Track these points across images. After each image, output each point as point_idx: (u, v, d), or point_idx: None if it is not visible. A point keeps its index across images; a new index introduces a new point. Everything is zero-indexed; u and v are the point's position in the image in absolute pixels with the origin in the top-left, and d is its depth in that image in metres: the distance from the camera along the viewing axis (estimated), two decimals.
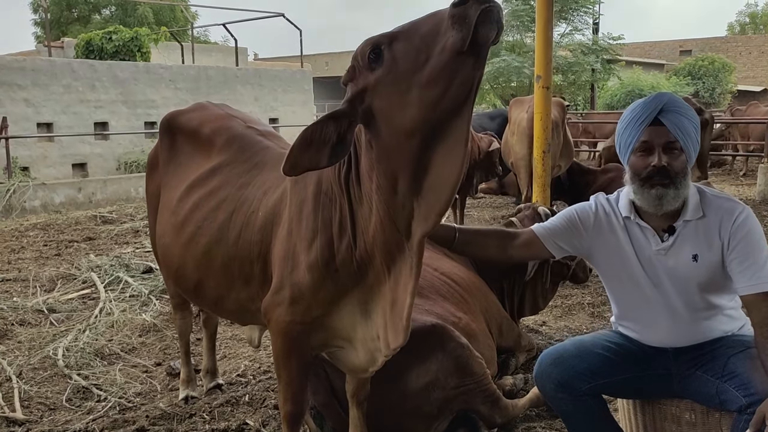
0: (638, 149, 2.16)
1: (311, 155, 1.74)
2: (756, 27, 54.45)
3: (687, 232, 2.20)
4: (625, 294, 2.36)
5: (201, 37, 32.61)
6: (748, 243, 2.13)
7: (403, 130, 1.68)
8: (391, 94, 1.67)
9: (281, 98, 15.31)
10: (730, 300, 2.29)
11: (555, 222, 2.41)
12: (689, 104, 8.54)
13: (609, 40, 23.20)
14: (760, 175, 9.62)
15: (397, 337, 1.96)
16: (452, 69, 1.58)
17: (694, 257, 2.18)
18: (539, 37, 4.75)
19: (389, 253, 1.89)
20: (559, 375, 2.31)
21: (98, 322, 4.47)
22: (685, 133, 2.13)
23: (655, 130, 2.13)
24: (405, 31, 1.67)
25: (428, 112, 1.64)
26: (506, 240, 2.44)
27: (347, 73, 1.78)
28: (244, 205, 2.30)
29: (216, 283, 2.39)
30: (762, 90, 34.95)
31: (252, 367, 3.68)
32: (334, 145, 1.74)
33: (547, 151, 4.84)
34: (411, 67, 1.62)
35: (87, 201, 10.24)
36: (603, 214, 2.34)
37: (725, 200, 2.21)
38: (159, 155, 2.89)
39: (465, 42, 1.53)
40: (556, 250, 2.39)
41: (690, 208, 2.19)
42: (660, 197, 2.14)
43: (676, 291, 2.24)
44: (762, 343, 2.02)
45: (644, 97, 2.29)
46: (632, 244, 2.27)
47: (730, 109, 14.56)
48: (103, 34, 14.77)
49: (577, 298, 4.72)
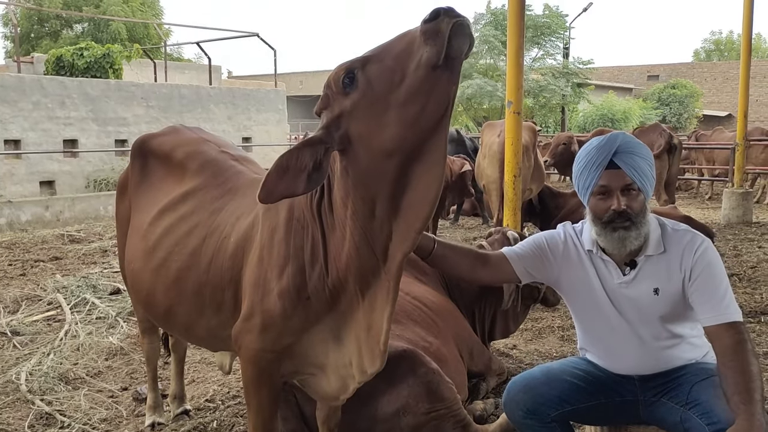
0: (597, 192, 2.20)
1: (287, 182, 1.73)
2: (720, 54, 55.99)
3: (648, 267, 2.25)
4: (591, 323, 2.40)
5: (174, 54, 32.46)
6: (708, 275, 2.18)
7: (383, 151, 1.69)
8: (368, 116, 1.68)
9: (255, 117, 15.29)
10: (692, 328, 2.33)
11: (525, 248, 2.44)
12: (659, 130, 8.72)
13: (579, 65, 23.72)
14: (725, 199, 9.84)
15: (374, 362, 1.96)
16: (429, 84, 1.60)
17: (656, 291, 2.23)
18: (510, 63, 4.83)
19: (364, 279, 1.89)
20: (528, 402, 2.34)
21: (63, 345, 4.38)
22: (641, 173, 2.18)
23: (611, 173, 2.17)
24: (377, 54, 1.69)
25: (407, 131, 1.65)
26: (478, 261, 2.46)
27: (321, 101, 1.79)
28: (216, 231, 2.28)
29: (187, 310, 2.37)
30: (727, 115, 35.87)
31: (221, 391, 3.63)
32: (311, 173, 1.73)
33: (518, 175, 4.90)
34: (387, 87, 1.64)
35: (54, 219, 10.07)
36: (571, 244, 2.38)
37: (685, 233, 2.26)
38: (130, 178, 2.87)
39: (440, 56, 1.56)
40: (524, 275, 2.43)
41: (651, 244, 2.24)
42: (623, 239, 2.19)
43: (640, 321, 2.28)
44: (724, 372, 2.06)
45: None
46: (598, 275, 2.32)
47: (695, 133, 14.89)
48: (75, 50, 14.64)
49: (548, 322, 4.76)
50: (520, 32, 4.78)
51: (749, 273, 6.26)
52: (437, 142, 1.70)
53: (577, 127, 25.65)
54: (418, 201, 1.75)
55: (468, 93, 21.53)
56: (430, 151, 1.70)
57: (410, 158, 1.70)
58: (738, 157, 9.91)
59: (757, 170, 11.87)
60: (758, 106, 36.64)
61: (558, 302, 3.98)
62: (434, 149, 1.70)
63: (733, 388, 2.00)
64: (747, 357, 2.04)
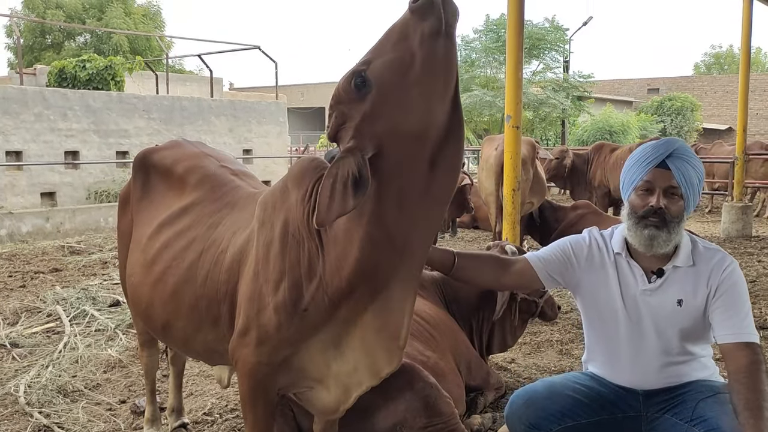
0: (640, 188, 2.22)
1: (338, 199, 1.71)
2: (721, 67, 56.20)
3: (675, 277, 2.26)
4: (602, 330, 2.41)
5: (176, 66, 32.64)
6: (733, 294, 2.20)
7: (415, 136, 1.72)
8: (392, 106, 1.70)
9: (256, 129, 15.34)
10: (703, 349, 2.34)
11: (549, 253, 2.45)
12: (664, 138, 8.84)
13: (579, 78, 23.79)
14: (725, 212, 9.86)
15: (391, 361, 1.98)
16: (439, 53, 1.66)
17: (679, 302, 2.24)
18: (509, 78, 4.86)
19: (377, 279, 1.89)
20: (531, 416, 2.35)
21: (62, 358, 4.38)
22: (688, 182, 2.19)
23: (660, 172, 2.19)
24: (377, 49, 1.73)
25: (434, 104, 1.71)
26: (501, 268, 2.47)
27: (335, 120, 1.77)
28: (214, 245, 2.30)
29: (184, 324, 2.38)
30: (727, 128, 35.93)
31: (219, 405, 3.63)
32: (355, 182, 1.71)
33: (516, 189, 4.92)
34: (401, 71, 1.68)
35: (55, 231, 10.08)
36: (596, 249, 2.39)
37: (716, 252, 2.28)
38: (132, 192, 2.88)
39: (441, 21, 1.63)
40: (548, 280, 2.44)
41: (681, 256, 2.25)
42: (652, 238, 2.20)
43: (655, 333, 2.29)
44: (737, 388, 2.07)
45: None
46: (619, 281, 2.32)
47: (695, 147, 14.93)
48: (77, 62, 14.73)
49: (546, 336, 4.75)
50: (519, 47, 4.82)
51: (749, 287, 6.22)
52: (458, 115, 1.77)
53: (576, 141, 25.70)
54: (447, 177, 1.81)
55: (468, 104, 21.58)
56: (454, 128, 1.77)
57: (438, 137, 1.75)
58: (737, 171, 9.93)
59: (756, 184, 11.89)
60: (758, 120, 36.74)
61: (556, 316, 3.99)
62: (457, 125, 1.77)
63: (744, 404, 2.00)
64: (761, 376, 2.05)
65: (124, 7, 31.34)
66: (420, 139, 1.73)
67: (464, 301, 3.66)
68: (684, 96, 34.07)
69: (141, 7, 33.11)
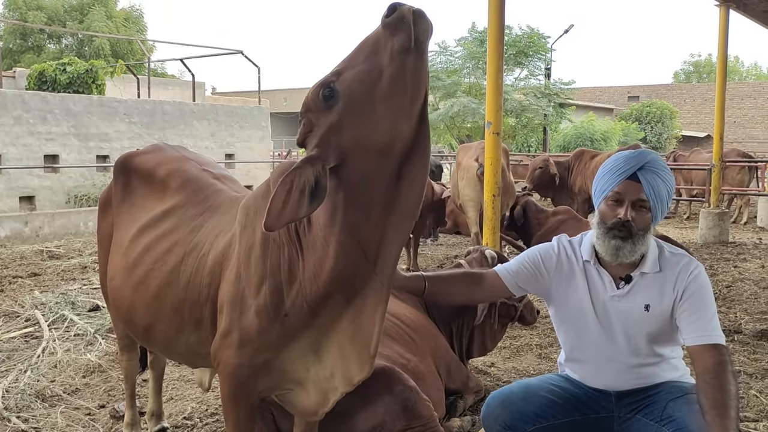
0: (610, 198, 2.28)
1: (291, 206, 1.73)
2: (699, 76, 57.02)
3: (642, 283, 2.32)
4: (574, 336, 2.46)
5: (159, 70, 32.46)
6: (699, 297, 2.26)
7: (379, 150, 1.74)
8: (358, 119, 1.73)
9: (238, 134, 15.30)
10: (673, 351, 2.41)
11: (518, 265, 2.50)
12: (637, 149, 8.99)
13: (561, 85, 24.01)
14: (702, 219, 10.00)
15: (362, 368, 2.00)
16: (406, 70, 1.68)
17: (646, 307, 2.30)
18: (490, 85, 4.93)
19: (352, 287, 1.92)
20: (506, 417, 2.39)
21: (40, 363, 4.35)
22: (657, 195, 2.25)
23: (630, 184, 2.24)
24: (347, 62, 1.75)
25: (399, 120, 1.72)
26: (471, 285, 2.54)
27: (303, 128, 1.80)
28: (196, 249, 2.31)
29: (166, 327, 2.38)
30: (705, 136, 36.45)
31: (199, 409, 3.62)
32: (312, 191, 1.74)
33: (497, 194, 4.97)
34: (368, 85, 1.70)
35: (34, 235, 9.98)
36: (564, 257, 2.45)
37: (682, 257, 2.35)
38: (113, 196, 2.88)
39: (410, 38, 1.65)
40: (516, 290, 2.51)
41: (648, 262, 2.31)
42: (617, 248, 2.25)
43: (624, 337, 2.34)
44: (704, 388, 2.12)
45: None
46: (589, 287, 2.38)
47: (674, 154, 15.13)
48: (57, 65, 14.60)
49: (525, 340, 4.80)
50: (500, 54, 4.89)
51: (724, 292, 6.36)
52: (424, 130, 1.79)
53: (557, 147, 25.91)
54: (412, 190, 1.83)
55: (453, 112, 21.70)
56: (419, 142, 1.79)
57: (403, 151, 1.77)
58: (714, 178, 10.08)
59: (733, 191, 12.08)
60: (736, 128, 37.33)
61: (535, 320, 4.04)
62: (423, 139, 1.79)
63: (711, 403, 2.05)
64: (727, 376, 2.10)
65: (105, 10, 31.11)
66: (384, 153, 1.76)
67: (445, 305, 3.69)
68: (663, 104, 34.53)
69: (123, 10, 32.90)
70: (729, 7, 9.46)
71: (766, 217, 11.75)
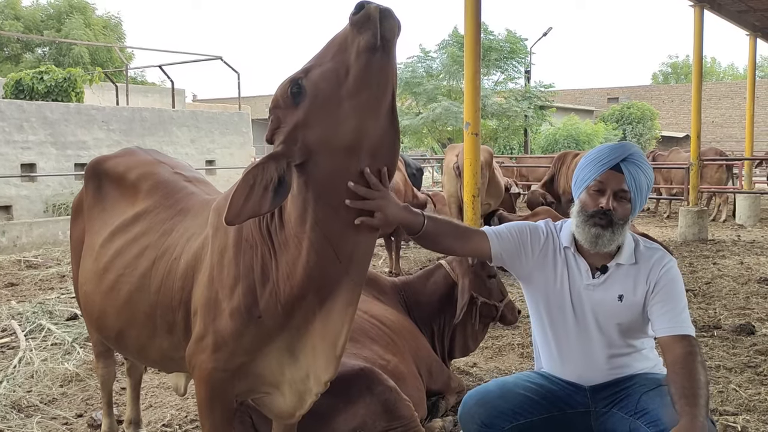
0: (592, 188, 2.29)
1: (253, 201, 1.74)
2: (678, 77, 57.62)
3: (617, 274, 2.34)
4: (551, 324, 2.46)
5: (138, 78, 32.21)
6: (670, 290, 2.29)
7: (345, 149, 1.74)
8: (324, 117, 1.72)
9: (218, 140, 15.22)
10: (644, 342, 2.43)
11: (507, 232, 2.44)
12: (621, 142, 9.06)
13: (540, 88, 24.17)
14: (681, 217, 10.09)
15: (328, 368, 1.97)
16: (373, 68, 1.67)
17: (620, 297, 2.32)
18: (468, 86, 4.94)
19: (324, 288, 1.90)
20: (483, 415, 2.38)
21: (17, 373, 4.28)
22: (638, 187, 2.27)
23: (613, 174, 2.26)
24: (316, 59, 1.75)
25: (365, 119, 1.71)
26: (459, 240, 2.43)
27: (271, 125, 1.80)
28: (167, 253, 2.28)
29: (138, 332, 2.35)
30: (684, 136, 36.81)
31: (178, 416, 3.58)
32: (276, 188, 1.74)
33: (476, 195, 4.98)
34: (335, 83, 1.69)
35: (11, 245, 9.83)
36: (551, 242, 2.46)
37: (656, 250, 2.38)
38: (84, 200, 2.84)
39: (376, 37, 1.64)
40: (497, 259, 2.43)
41: (624, 254, 2.34)
42: (597, 236, 2.27)
43: (598, 327, 2.37)
44: (673, 378, 2.14)
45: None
46: (568, 274, 2.39)
47: (653, 154, 15.27)
48: (34, 73, 14.42)
49: (507, 339, 4.80)
50: (477, 56, 4.90)
51: (704, 289, 6.42)
52: (394, 129, 1.79)
53: (540, 149, 26.06)
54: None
55: (434, 115, 21.78)
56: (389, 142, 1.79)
57: (372, 150, 1.77)
58: (692, 177, 10.19)
59: (712, 189, 12.22)
60: (714, 127, 37.76)
61: (516, 320, 4.03)
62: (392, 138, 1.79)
63: (680, 392, 2.07)
64: (696, 366, 2.12)
65: (83, 18, 30.81)
66: (351, 150, 1.75)
67: (425, 305, 3.69)
68: (643, 105, 34.83)
69: (101, 18, 32.61)
70: (703, 8, 9.58)
71: (745, 215, 11.88)
